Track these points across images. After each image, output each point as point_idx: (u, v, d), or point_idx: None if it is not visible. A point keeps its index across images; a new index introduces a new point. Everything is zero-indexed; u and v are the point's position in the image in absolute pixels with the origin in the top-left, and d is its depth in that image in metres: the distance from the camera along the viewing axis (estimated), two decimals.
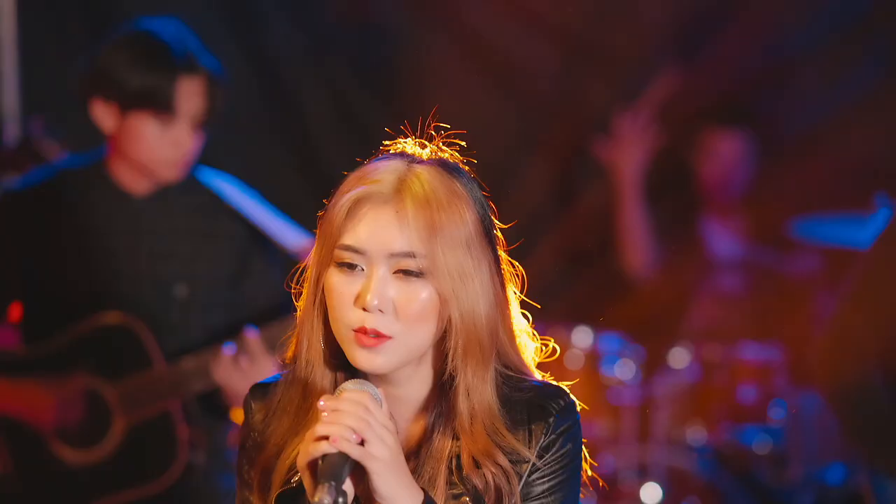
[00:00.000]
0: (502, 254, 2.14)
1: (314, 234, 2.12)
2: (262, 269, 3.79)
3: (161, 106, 3.61)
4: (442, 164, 2.10)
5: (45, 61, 5.24)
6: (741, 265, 5.64)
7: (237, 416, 3.69)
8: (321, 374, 2.09)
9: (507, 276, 2.14)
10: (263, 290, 3.77)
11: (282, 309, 3.68)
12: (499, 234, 2.14)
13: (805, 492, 5.18)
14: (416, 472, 2.04)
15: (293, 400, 2.11)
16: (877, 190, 4.97)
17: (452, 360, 2.06)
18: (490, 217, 2.12)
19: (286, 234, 3.77)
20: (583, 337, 5.31)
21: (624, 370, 5.35)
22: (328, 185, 2.12)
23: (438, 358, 2.10)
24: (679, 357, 5.35)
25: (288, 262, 3.25)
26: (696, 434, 5.30)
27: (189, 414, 3.74)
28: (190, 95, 3.64)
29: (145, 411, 3.69)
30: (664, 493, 5.24)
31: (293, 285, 2.15)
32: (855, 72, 5.78)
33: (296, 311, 2.15)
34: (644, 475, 5.28)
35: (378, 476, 1.94)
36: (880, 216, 4.86)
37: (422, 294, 2.03)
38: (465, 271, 2.04)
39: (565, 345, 5.21)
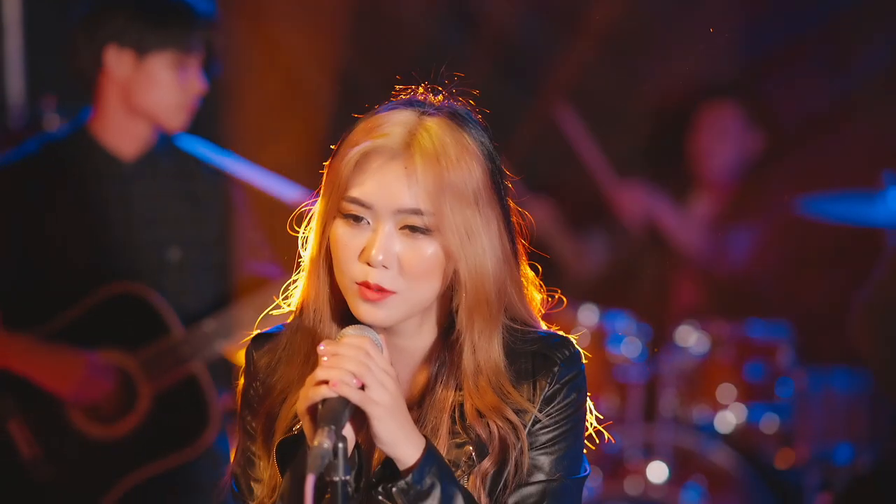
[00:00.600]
0: (511, 204, 2.10)
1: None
2: (243, 230, 3.79)
3: (180, 47, 3.66)
4: (452, 114, 2.06)
5: (50, 43, 5.22)
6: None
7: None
8: (328, 323, 2.07)
9: (516, 227, 2.11)
10: (244, 251, 3.78)
11: (265, 270, 3.71)
12: (509, 184, 2.10)
13: (812, 471, 5.14)
14: (418, 421, 2.03)
15: (300, 349, 2.08)
16: (885, 168, 4.96)
17: (459, 318, 2.04)
18: (500, 168, 2.08)
19: (278, 188, 3.79)
20: (589, 315, 5.28)
21: (630, 348, 5.32)
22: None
23: (444, 311, 2.08)
24: (686, 335, 5.32)
25: (268, 224, 3.24)
26: (702, 412, 5.27)
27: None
28: (199, 38, 3.71)
29: (169, 377, 3.69)
30: (670, 472, 5.22)
31: (297, 230, 2.13)
32: (865, 50, 5.75)
33: (299, 260, 2.13)
34: (650, 454, 5.25)
35: (378, 421, 1.92)
36: (889, 194, 4.86)
37: (427, 251, 2.01)
38: (473, 228, 2.01)
39: (571, 323, 5.18)
